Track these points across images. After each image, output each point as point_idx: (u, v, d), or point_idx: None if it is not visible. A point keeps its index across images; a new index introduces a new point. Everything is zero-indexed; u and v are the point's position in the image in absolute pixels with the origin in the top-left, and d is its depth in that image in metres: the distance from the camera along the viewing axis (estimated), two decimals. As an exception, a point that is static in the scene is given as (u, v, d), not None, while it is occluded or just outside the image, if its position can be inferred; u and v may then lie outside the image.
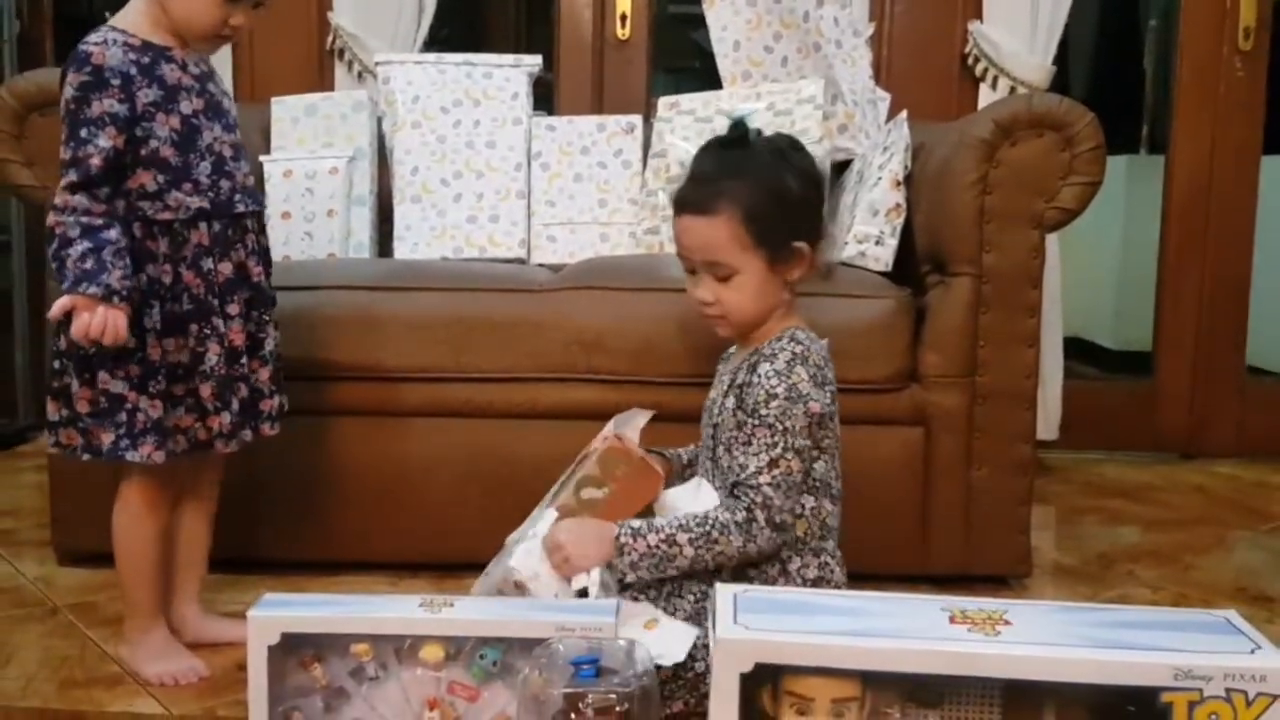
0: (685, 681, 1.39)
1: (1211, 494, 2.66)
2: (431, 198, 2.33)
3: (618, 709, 1.11)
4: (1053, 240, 2.59)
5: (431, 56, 2.46)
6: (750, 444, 1.43)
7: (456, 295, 1.93)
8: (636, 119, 2.43)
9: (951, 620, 1.08)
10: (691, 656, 1.39)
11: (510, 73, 2.42)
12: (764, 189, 1.46)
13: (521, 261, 2.31)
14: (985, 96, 2.76)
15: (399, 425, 1.92)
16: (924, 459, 1.89)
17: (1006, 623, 1.07)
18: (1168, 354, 3.00)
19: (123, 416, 1.46)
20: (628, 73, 2.91)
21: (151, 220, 1.46)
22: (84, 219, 1.41)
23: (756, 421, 1.43)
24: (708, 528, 1.40)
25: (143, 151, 1.45)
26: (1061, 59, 2.80)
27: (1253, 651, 1.02)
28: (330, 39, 2.79)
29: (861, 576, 1.76)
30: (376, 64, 2.46)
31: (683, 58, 3.59)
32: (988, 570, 1.92)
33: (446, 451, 1.91)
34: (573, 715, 1.11)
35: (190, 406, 1.50)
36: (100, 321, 1.39)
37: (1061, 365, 2.82)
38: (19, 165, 1.92)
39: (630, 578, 1.41)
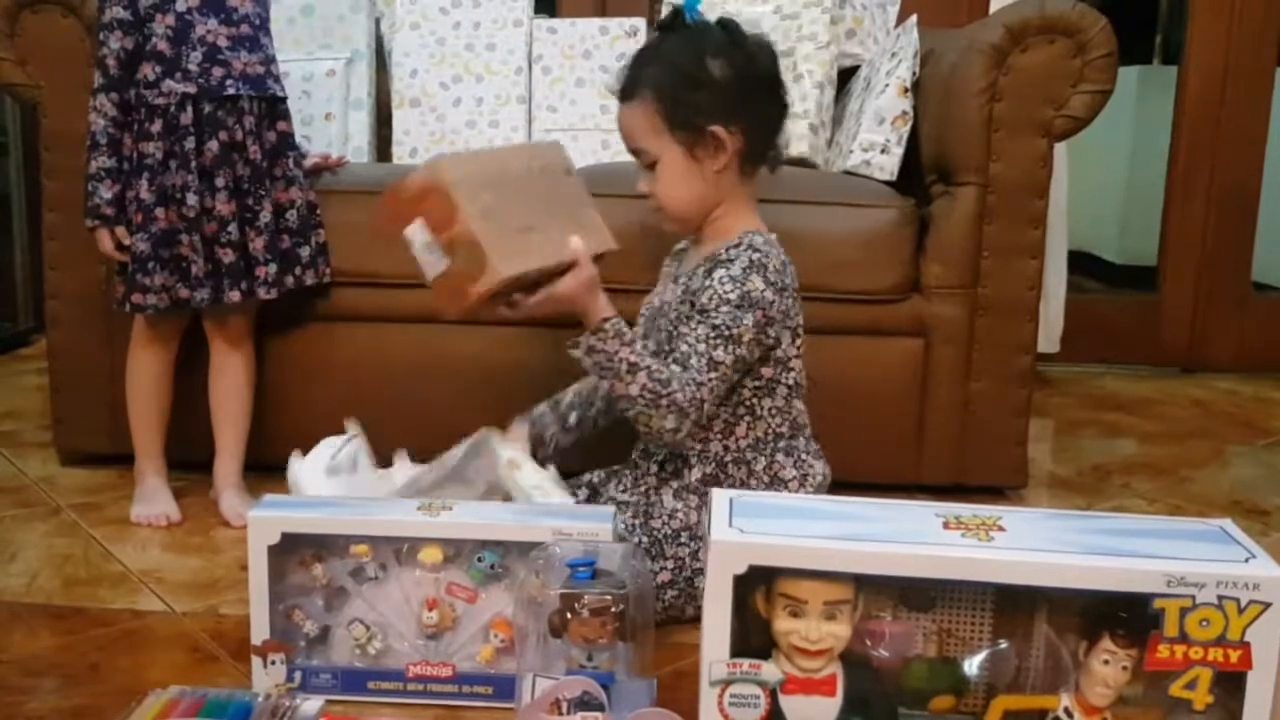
0: (681, 583, 1.42)
1: (1210, 408, 2.66)
2: (430, 101, 2.29)
3: (613, 609, 1.12)
4: (1061, 153, 2.56)
5: (431, -45, 2.40)
6: (700, 339, 1.37)
7: (456, 200, 1.91)
8: (640, 22, 2.38)
9: (945, 526, 1.08)
10: (688, 557, 1.41)
11: (511, -27, 2.36)
12: (678, 71, 1.41)
13: (522, 167, 2.28)
14: (997, 2, 2.70)
15: (396, 331, 1.91)
16: (923, 370, 1.89)
17: (1000, 529, 1.08)
18: (1172, 268, 2.99)
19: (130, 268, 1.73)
20: (632, -25, 2.84)
21: (150, 105, 1.69)
22: (111, 130, 1.70)
23: (701, 319, 1.38)
24: (659, 394, 1.34)
25: (146, 47, 1.69)
26: (1076, -36, 2.74)
27: (1247, 560, 1.03)
28: (327, -64, 2.72)
29: (857, 485, 1.77)
30: (374, -38, 2.41)
31: (688, -40, 3.51)
32: (984, 481, 1.93)
33: (442, 358, 1.91)
34: (569, 615, 1.13)
35: (173, 269, 1.70)
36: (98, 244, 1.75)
37: (1065, 278, 2.80)
38: (11, 63, 1.89)
39: (576, 354, 1.37)
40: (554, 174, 1.48)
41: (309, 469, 1.49)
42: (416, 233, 1.30)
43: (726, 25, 1.45)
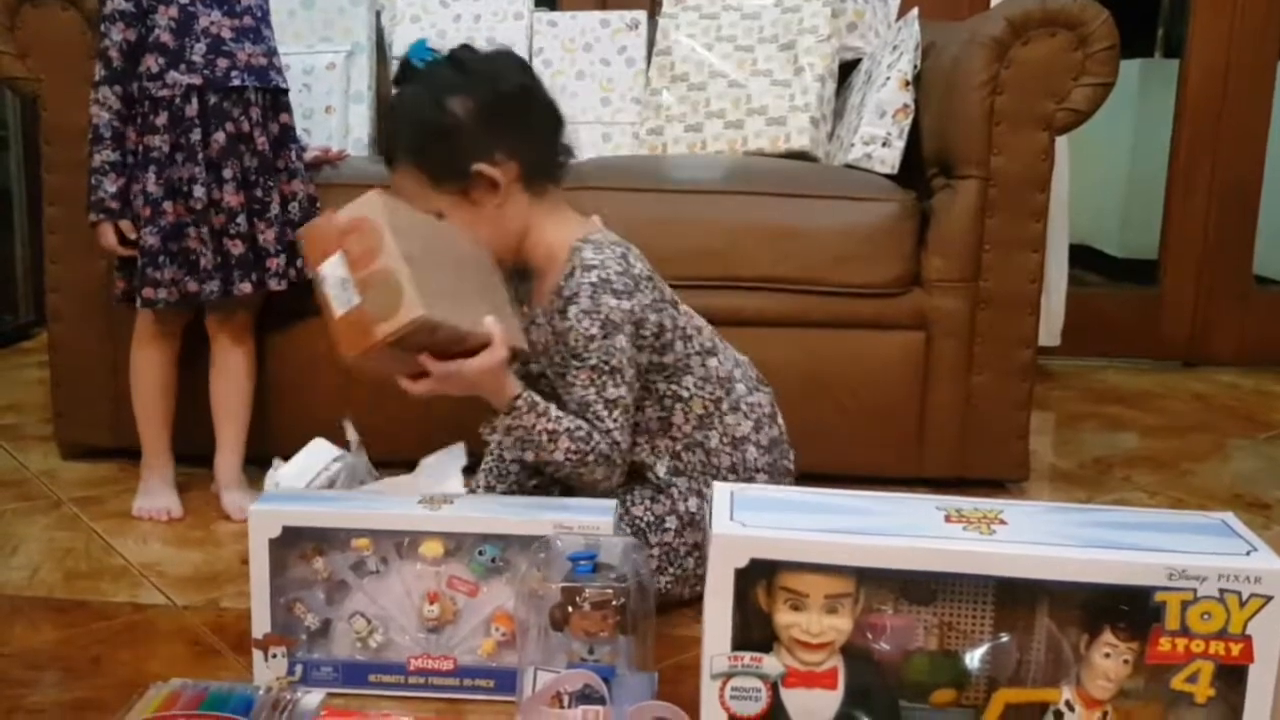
0: (672, 569, 1.42)
1: (1211, 401, 2.66)
2: (431, 95, 2.29)
3: (614, 603, 1.12)
4: (1062, 147, 2.55)
5: (431, -52, 2.40)
6: (586, 385, 1.35)
7: (457, 194, 1.91)
8: (641, 15, 2.38)
9: (947, 519, 1.08)
10: (674, 540, 1.42)
11: (512, -34, 2.36)
12: (421, 125, 1.38)
13: (523, 161, 2.27)
14: (998, -5, 2.69)
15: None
16: (924, 363, 1.89)
17: (1002, 522, 1.08)
18: (1173, 261, 2.98)
19: (136, 264, 1.73)
20: (633, -33, 2.83)
21: (154, 98, 1.69)
22: (115, 123, 1.70)
23: (579, 364, 1.36)
24: (584, 451, 1.33)
25: (149, 39, 1.69)
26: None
27: (1248, 553, 1.03)
28: (328, -71, 2.71)
29: (858, 479, 1.78)
30: (375, -45, 2.40)
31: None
32: (985, 474, 1.93)
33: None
34: (570, 609, 1.13)
35: (182, 262, 1.70)
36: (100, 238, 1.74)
37: (1066, 271, 2.80)
38: (12, 57, 1.89)
39: (494, 438, 1.37)
40: (490, 272, 1.39)
41: (292, 480, 1.48)
42: (333, 267, 1.18)
43: (456, 58, 1.40)
